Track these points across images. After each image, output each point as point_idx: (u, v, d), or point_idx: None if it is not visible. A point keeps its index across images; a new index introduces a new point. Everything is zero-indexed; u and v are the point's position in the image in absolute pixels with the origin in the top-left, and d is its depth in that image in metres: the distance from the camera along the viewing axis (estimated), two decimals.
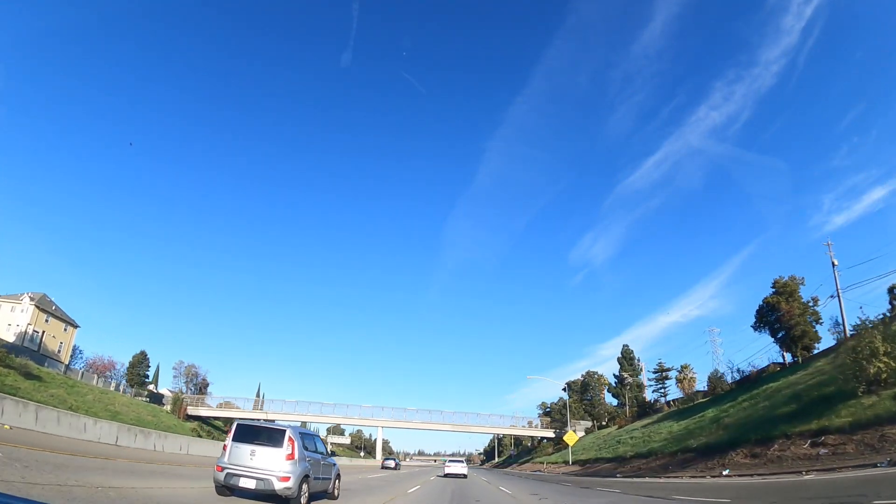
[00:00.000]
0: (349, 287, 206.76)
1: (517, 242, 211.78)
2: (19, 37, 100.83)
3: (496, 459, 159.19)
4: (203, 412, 76.01)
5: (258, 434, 9.93)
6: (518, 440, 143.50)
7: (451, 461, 36.32)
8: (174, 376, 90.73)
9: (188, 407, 76.02)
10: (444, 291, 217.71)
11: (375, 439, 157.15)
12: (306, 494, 9.88)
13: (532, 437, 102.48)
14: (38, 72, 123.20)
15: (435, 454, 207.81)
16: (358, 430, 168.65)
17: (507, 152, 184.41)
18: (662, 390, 67.21)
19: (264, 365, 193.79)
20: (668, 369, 67.00)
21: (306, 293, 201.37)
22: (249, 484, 9.03)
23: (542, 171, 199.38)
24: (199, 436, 68.11)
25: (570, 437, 49.52)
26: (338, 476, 12.86)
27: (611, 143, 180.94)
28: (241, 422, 10.44)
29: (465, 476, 32.55)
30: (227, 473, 9.19)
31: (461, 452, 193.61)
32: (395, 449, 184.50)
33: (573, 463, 49.07)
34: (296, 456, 9.57)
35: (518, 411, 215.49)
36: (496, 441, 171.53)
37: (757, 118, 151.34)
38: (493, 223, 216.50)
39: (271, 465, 9.24)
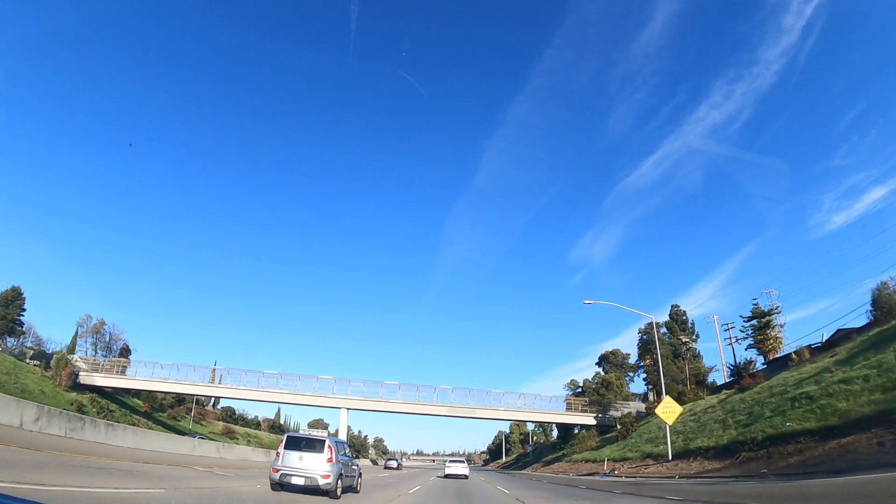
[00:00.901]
0: (347, 288, 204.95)
1: (517, 242, 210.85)
2: (19, 38, 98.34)
3: (503, 459, 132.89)
4: (101, 381, 51.77)
5: (304, 443, 12.98)
6: (531, 435, 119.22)
7: (451, 461, 37.77)
8: (79, 334, 66.30)
9: (81, 373, 51.70)
10: (442, 292, 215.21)
11: (350, 427, 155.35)
12: (340, 488, 12.86)
13: (547, 426, 78.16)
14: (39, 72, 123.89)
15: (434, 454, 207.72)
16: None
17: (507, 152, 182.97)
18: (762, 344, 46.11)
19: (259, 366, 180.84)
20: (768, 313, 45.92)
21: (304, 293, 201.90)
22: (299, 481, 12.12)
23: (541, 170, 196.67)
24: (82, 411, 46.29)
25: (669, 411, 25.17)
26: (360, 475, 15.94)
27: (610, 143, 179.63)
28: (291, 434, 13.74)
29: (466, 477, 32.74)
30: (282, 474, 12.27)
31: (461, 452, 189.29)
32: (389, 448, 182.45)
33: (678, 456, 24.41)
34: (333, 459, 12.58)
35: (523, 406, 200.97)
36: (503, 437, 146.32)
37: (757, 117, 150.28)
38: (492, 223, 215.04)
39: (316, 467, 12.30)
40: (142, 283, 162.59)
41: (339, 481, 12.79)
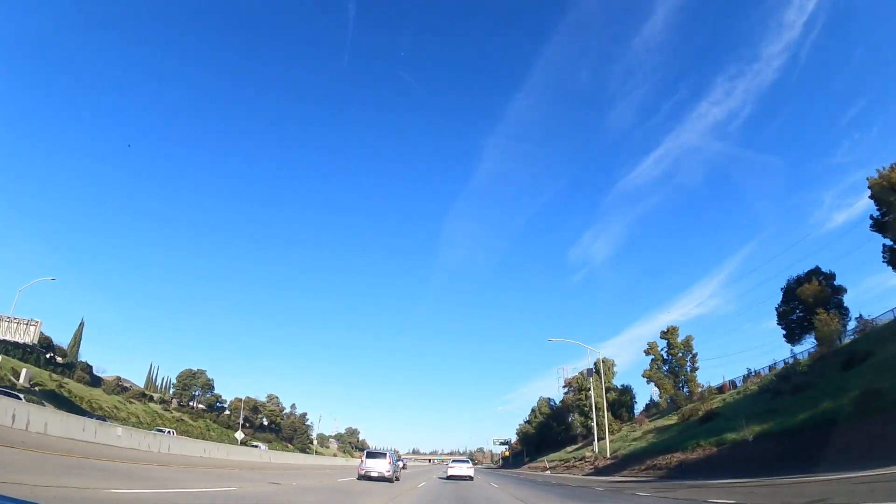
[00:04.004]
0: (347, 287, 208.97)
1: (517, 241, 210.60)
2: (20, 38, 79.03)
3: (569, 453, 68.71)
4: None
5: (376, 455, 27.41)
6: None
7: (455, 461, 38.11)
8: None
9: None
10: (443, 291, 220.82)
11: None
12: (394, 476, 26.28)
13: None
14: (39, 73, 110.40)
15: (431, 453, 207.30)
16: (348, 429, 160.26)
17: (507, 150, 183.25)
18: None
19: (272, 367, 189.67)
20: None
21: (302, 291, 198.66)
22: (374, 474, 25.06)
23: (541, 168, 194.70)
24: None
25: None
26: (400, 470, 34.47)
27: (611, 140, 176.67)
28: (368, 451, 30.69)
29: (471, 478, 33.60)
30: (365, 471, 25.29)
31: (461, 451, 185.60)
32: (369, 443, 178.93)
33: None
34: (391, 463, 26.10)
35: (515, 412, 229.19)
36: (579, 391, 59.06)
37: (758, 114, 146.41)
38: (492, 222, 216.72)
39: (383, 467, 25.34)
40: (141, 281, 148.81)
41: (394, 473, 26.61)
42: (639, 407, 73.02)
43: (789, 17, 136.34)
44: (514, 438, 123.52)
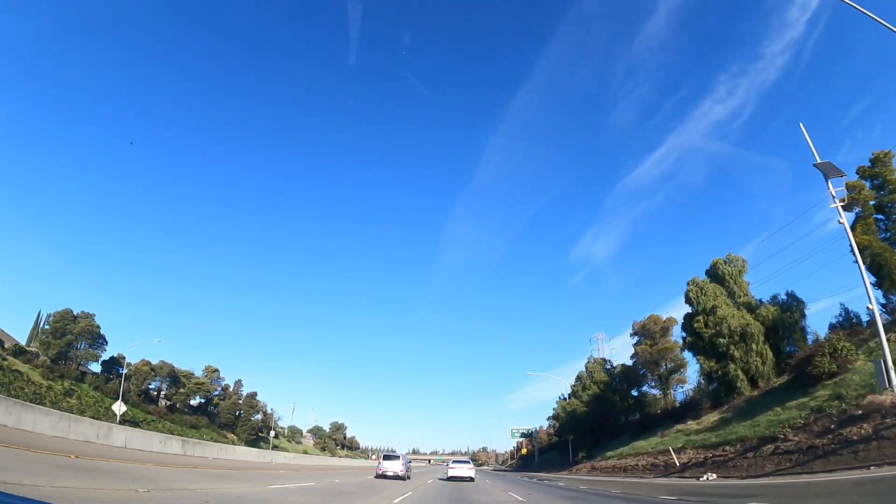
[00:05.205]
0: (348, 287, 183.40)
1: (518, 241, 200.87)
2: (20, 38, 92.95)
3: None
4: None
5: (392, 457, 33.87)
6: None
7: (455, 462, 38.25)
8: None
9: None
10: (443, 291, 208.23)
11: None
12: (406, 475, 33.63)
13: None
14: (38, 73, 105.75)
15: (431, 453, 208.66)
16: (333, 424, 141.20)
17: (508, 149, 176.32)
18: None
19: (271, 367, 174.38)
20: None
21: (303, 290, 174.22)
22: (390, 473, 31.62)
23: (543, 167, 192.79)
24: None
25: None
26: (410, 469, 39.79)
27: (613, 139, 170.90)
28: (385, 453, 37.36)
29: (471, 479, 35.10)
30: (382, 471, 31.92)
31: (462, 451, 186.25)
32: (361, 443, 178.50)
33: None
34: (404, 464, 33.87)
35: (516, 413, 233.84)
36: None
37: (760, 113, 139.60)
38: (493, 221, 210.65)
39: (397, 467, 32.08)
40: (143, 280, 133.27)
41: (406, 472, 33.12)
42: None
43: (792, 15, 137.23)
44: (544, 425, 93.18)
